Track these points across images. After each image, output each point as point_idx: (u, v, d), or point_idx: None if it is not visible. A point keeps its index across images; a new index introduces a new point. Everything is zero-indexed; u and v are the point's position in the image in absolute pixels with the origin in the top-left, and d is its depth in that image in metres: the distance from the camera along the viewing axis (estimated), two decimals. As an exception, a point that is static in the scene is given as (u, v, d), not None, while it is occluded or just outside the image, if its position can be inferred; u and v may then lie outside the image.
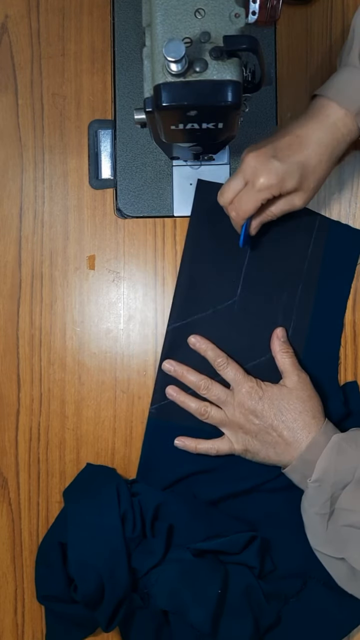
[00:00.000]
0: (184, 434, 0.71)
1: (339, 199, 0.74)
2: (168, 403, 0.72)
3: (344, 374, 0.73)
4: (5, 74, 0.74)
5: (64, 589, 0.68)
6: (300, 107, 0.73)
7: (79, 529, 0.68)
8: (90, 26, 0.74)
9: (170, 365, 0.72)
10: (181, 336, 0.72)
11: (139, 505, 0.69)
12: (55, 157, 0.74)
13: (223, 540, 0.68)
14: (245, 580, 0.68)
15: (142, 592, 0.68)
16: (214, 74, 0.51)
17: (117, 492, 0.68)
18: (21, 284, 0.74)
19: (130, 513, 0.67)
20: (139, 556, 0.67)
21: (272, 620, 0.68)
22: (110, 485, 0.69)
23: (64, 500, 0.73)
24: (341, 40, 0.73)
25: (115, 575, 0.66)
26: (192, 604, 0.66)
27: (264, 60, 0.54)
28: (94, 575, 0.66)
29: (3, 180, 0.74)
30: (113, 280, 0.75)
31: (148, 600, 0.68)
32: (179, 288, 0.73)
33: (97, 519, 0.68)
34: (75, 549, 0.68)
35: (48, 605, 0.71)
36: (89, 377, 0.74)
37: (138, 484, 0.71)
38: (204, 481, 0.72)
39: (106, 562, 0.66)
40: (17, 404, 0.74)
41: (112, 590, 0.66)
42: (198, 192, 0.73)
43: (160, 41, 0.51)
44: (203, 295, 0.72)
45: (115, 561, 0.66)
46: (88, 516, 0.68)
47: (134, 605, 0.68)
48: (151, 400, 0.73)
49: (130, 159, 0.73)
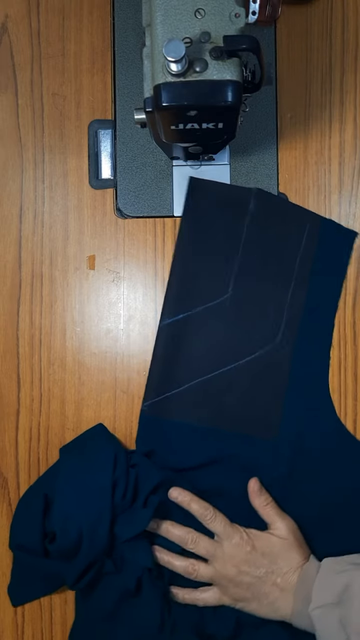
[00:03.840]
0: (176, 430, 0.71)
1: (338, 199, 0.74)
2: (161, 400, 0.72)
3: (343, 374, 0.73)
4: (5, 74, 0.74)
5: (38, 541, 0.68)
6: (300, 107, 0.73)
7: (69, 482, 0.68)
8: (90, 26, 0.74)
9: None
10: (173, 332, 0.72)
11: (135, 475, 0.69)
12: (55, 157, 0.74)
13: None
14: None
15: (117, 557, 0.68)
16: (214, 74, 0.51)
17: (114, 458, 0.69)
18: (21, 284, 0.74)
19: (122, 481, 0.67)
20: (123, 523, 0.67)
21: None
22: (109, 450, 0.69)
23: (60, 455, 0.72)
24: (341, 40, 0.73)
25: (96, 534, 0.66)
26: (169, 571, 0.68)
27: (264, 60, 0.54)
28: (75, 529, 0.66)
29: (3, 180, 0.74)
30: (113, 280, 0.75)
31: (121, 565, 0.68)
32: (170, 285, 0.73)
33: (88, 477, 0.68)
34: (61, 501, 0.68)
35: (19, 554, 0.70)
36: (89, 377, 0.74)
37: (138, 456, 0.71)
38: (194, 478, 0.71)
39: (90, 518, 0.66)
40: (17, 404, 0.74)
41: (90, 547, 0.66)
42: (191, 189, 0.73)
43: (160, 41, 0.51)
44: (195, 292, 0.72)
45: (99, 520, 0.66)
46: (80, 473, 0.68)
47: (105, 570, 0.68)
48: (143, 397, 0.73)
49: (130, 159, 0.73)
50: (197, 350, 0.72)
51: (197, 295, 0.72)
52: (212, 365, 0.72)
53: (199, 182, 0.73)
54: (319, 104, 0.74)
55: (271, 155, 0.73)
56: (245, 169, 0.73)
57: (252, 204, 0.72)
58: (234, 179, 0.73)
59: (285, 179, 0.74)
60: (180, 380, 0.72)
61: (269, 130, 0.73)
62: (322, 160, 0.74)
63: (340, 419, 0.73)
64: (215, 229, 0.71)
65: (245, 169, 0.73)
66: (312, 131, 0.74)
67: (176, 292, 0.72)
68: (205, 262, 0.72)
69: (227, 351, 0.72)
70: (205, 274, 0.72)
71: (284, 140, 0.74)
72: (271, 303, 0.72)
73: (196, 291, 0.72)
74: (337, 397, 0.73)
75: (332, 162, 0.74)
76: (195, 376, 0.72)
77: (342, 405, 0.73)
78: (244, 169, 0.73)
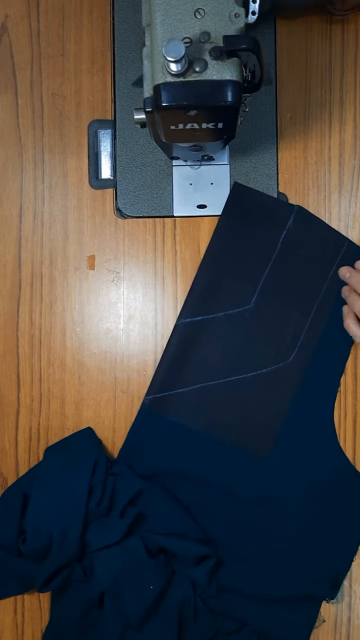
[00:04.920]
0: (172, 429, 0.71)
1: (338, 199, 0.74)
2: (163, 397, 0.72)
3: (343, 376, 0.73)
4: (5, 74, 0.74)
5: (13, 539, 0.68)
6: (300, 107, 0.73)
7: (46, 483, 0.68)
8: (90, 26, 0.74)
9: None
10: (189, 333, 0.72)
11: (113, 484, 0.68)
12: (55, 157, 0.74)
13: (179, 542, 0.68)
14: (184, 593, 0.69)
15: (86, 565, 0.68)
16: (214, 74, 0.51)
17: (94, 464, 0.69)
18: (21, 284, 0.74)
19: (99, 487, 0.67)
20: (96, 531, 0.67)
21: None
22: (90, 455, 0.69)
23: (44, 454, 0.72)
24: (341, 40, 0.73)
25: (66, 538, 0.66)
26: (130, 594, 0.66)
27: (264, 60, 0.54)
28: (46, 531, 0.66)
29: (3, 180, 0.74)
30: (113, 280, 0.75)
31: (90, 574, 0.68)
32: (195, 285, 0.73)
33: (65, 481, 0.68)
34: (36, 501, 0.68)
35: None
36: (89, 377, 0.74)
37: (120, 466, 0.71)
38: (180, 481, 0.72)
39: (62, 522, 0.66)
40: (17, 404, 0.74)
41: (59, 551, 0.66)
42: (233, 193, 0.73)
43: (160, 41, 0.51)
44: (217, 298, 0.72)
45: (71, 524, 0.66)
46: (58, 475, 0.69)
47: (74, 577, 0.68)
48: (147, 391, 0.73)
49: (130, 159, 0.73)
50: (209, 355, 0.72)
51: (220, 300, 0.72)
52: (220, 372, 0.72)
53: (242, 189, 0.72)
54: (319, 104, 0.74)
55: (271, 155, 0.73)
56: (245, 169, 0.73)
57: (291, 221, 0.72)
58: (234, 179, 0.73)
59: (285, 179, 0.74)
60: (186, 381, 0.72)
61: (269, 130, 0.73)
62: (322, 160, 0.74)
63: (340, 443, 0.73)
64: (250, 238, 0.71)
65: (245, 169, 0.73)
66: (312, 131, 0.74)
67: (199, 294, 0.72)
68: (233, 270, 0.72)
69: (238, 361, 0.72)
70: (231, 281, 0.72)
71: (284, 140, 0.74)
72: (290, 323, 0.72)
73: (219, 296, 0.72)
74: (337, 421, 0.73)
75: (332, 162, 0.74)
76: (201, 380, 0.72)
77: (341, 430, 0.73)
78: (244, 169, 0.73)
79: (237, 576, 0.71)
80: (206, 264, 0.73)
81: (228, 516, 0.71)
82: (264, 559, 0.71)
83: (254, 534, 0.71)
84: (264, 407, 0.72)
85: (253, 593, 0.70)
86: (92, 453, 0.70)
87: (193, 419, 0.72)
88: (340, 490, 0.72)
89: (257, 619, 0.70)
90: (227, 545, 0.71)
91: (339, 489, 0.72)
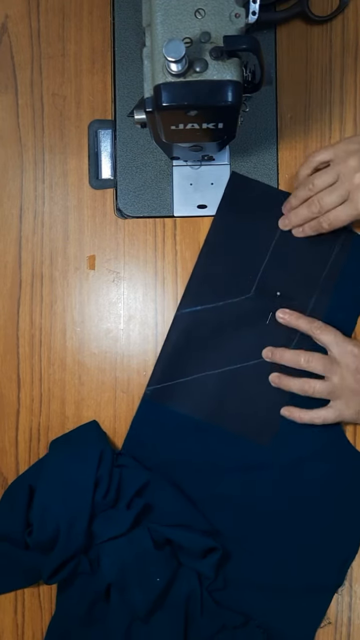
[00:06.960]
0: (174, 419, 0.71)
1: (339, 199, 0.74)
2: (164, 387, 0.72)
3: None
4: (5, 74, 0.74)
5: (20, 532, 0.68)
6: (300, 107, 0.73)
7: (52, 475, 0.68)
8: (90, 26, 0.74)
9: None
10: (189, 322, 0.72)
11: (120, 475, 0.68)
12: (55, 157, 0.74)
13: (185, 534, 0.68)
14: (190, 585, 0.69)
15: (93, 557, 0.68)
16: (214, 74, 0.51)
17: (100, 456, 0.69)
18: (21, 284, 0.74)
19: (105, 480, 0.67)
20: (103, 523, 0.67)
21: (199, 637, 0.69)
22: (96, 448, 0.69)
23: (49, 447, 0.72)
24: (341, 40, 0.73)
25: (73, 530, 0.66)
26: (136, 586, 0.66)
27: (264, 60, 0.54)
28: (53, 523, 0.66)
29: (3, 180, 0.74)
30: (113, 280, 0.75)
31: (97, 567, 0.68)
32: (194, 275, 0.73)
33: (71, 473, 0.68)
34: (42, 493, 0.68)
35: (0, 545, 0.70)
36: (89, 377, 0.74)
37: (126, 457, 0.71)
38: (184, 471, 0.72)
39: (68, 513, 0.66)
40: (17, 404, 0.74)
41: (66, 543, 0.66)
42: (230, 184, 0.73)
43: (160, 41, 0.51)
44: (217, 287, 0.72)
45: (77, 516, 0.66)
46: (64, 467, 0.69)
47: (81, 569, 0.68)
48: (148, 382, 0.73)
49: (130, 159, 0.73)
50: (209, 344, 0.72)
51: (219, 290, 0.72)
52: (221, 361, 0.72)
53: (239, 178, 0.72)
54: (319, 104, 0.74)
55: (271, 155, 0.73)
56: (245, 169, 0.73)
57: None
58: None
59: (285, 179, 0.74)
60: (187, 371, 0.72)
61: (269, 130, 0.73)
62: (322, 160, 0.74)
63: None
64: (249, 227, 0.71)
65: (245, 169, 0.73)
66: (312, 131, 0.74)
67: (199, 283, 0.72)
68: (233, 258, 0.72)
69: (238, 350, 0.72)
70: (231, 270, 0.72)
71: (284, 140, 0.74)
72: (291, 309, 0.72)
73: (219, 286, 0.72)
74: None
75: (332, 162, 0.74)
76: (202, 369, 0.72)
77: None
78: (244, 169, 0.73)
79: (244, 567, 0.71)
80: (205, 254, 0.73)
81: (232, 505, 0.71)
82: (270, 549, 0.71)
83: (258, 523, 0.71)
84: (266, 395, 0.72)
85: (260, 584, 0.71)
86: (98, 445, 0.70)
87: (195, 409, 0.72)
88: (344, 476, 0.72)
89: (264, 612, 0.70)
90: (232, 534, 0.71)
91: (343, 474, 0.72)
